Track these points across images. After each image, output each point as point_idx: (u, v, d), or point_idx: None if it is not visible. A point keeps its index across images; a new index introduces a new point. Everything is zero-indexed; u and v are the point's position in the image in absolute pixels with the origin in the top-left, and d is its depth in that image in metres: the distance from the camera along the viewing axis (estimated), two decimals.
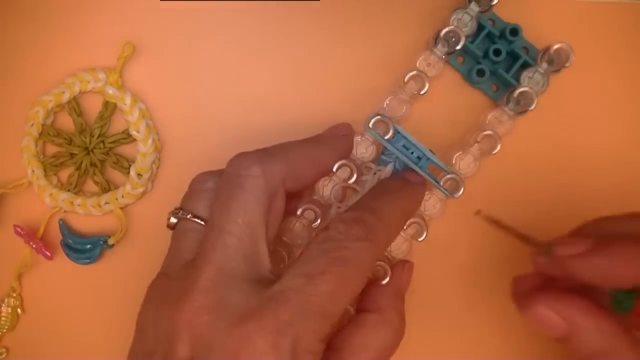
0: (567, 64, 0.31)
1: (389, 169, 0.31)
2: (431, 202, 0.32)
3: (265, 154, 0.27)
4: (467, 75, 0.34)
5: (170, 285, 0.26)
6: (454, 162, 0.32)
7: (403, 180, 0.30)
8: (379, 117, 0.30)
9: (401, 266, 0.30)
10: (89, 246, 0.34)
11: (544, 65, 0.32)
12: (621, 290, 0.25)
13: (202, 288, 0.24)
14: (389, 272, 0.30)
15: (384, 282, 0.30)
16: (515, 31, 0.32)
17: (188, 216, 0.27)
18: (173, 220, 0.28)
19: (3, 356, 0.35)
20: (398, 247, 0.31)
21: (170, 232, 0.28)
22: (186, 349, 0.24)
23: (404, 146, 0.30)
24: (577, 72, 0.33)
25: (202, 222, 0.27)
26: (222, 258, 0.25)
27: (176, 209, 0.28)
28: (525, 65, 0.32)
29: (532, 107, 0.31)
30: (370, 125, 0.30)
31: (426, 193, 0.31)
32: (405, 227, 0.31)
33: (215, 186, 0.28)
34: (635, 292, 0.24)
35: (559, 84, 0.33)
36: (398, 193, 0.28)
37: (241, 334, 0.23)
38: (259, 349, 0.23)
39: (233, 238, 0.25)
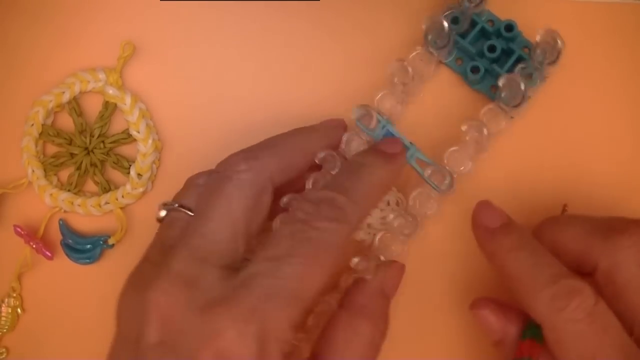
0: (558, 46, 0.30)
1: None
2: (427, 202, 0.31)
3: (252, 151, 0.28)
4: (466, 76, 0.34)
5: (147, 268, 0.26)
6: (445, 160, 0.31)
7: (378, 153, 0.29)
8: (362, 106, 0.30)
9: (388, 265, 0.30)
10: (89, 246, 0.34)
11: (537, 55, 0.31)
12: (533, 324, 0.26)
13: (174, 270, 0.24)
14: (376, 270, 0.29)
15: (368, 279, 0.29)
16: (510, 27, 0.32)
17: (175, 205, 0.28)
18: (162, 213, 0.28)
19: (3, 356, 0.35)
20: (387, 247, 0.30)
21: None
22: (156, 333, 0.23)
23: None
24: (576, 73, 0.33)
25: (190, 212, 0.27)
26: (199, 243, 0.25)
27: (165, 202, 0.28)
28: (520, 61, 0.32)
29: (522, 95, 0.30)
30: (355, 116, 0.30)
31: (420, 192, 0.31)
32: (401, 228, 0.30)
33: (206, 182, 0.28)
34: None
35: (557, 84, 0.33)
36: (372, 168, 0.28)
37: (210, 321, 0.23)
38: (227, 338, 0.22)
39: (212, 224, 0.26)
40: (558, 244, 0.27)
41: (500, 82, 0.30)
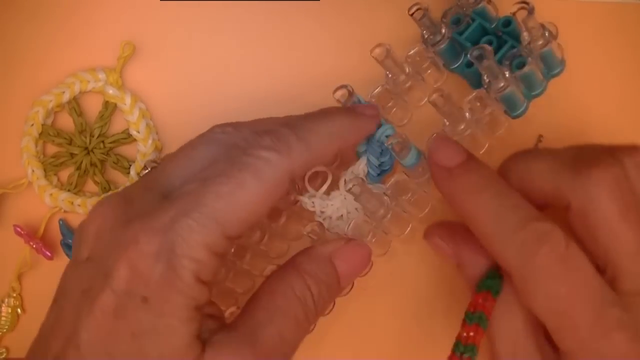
0: (534, 19, 0.28)
1: (362, 166, 0.30)
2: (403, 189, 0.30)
3: (235, 122, 0.29)
4: (470, 80, 0.33)
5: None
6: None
7: (347, 108, 0.29)
8: (343, 86, 0.29)
9: (346, 240, 0.28)
10: None
11: (524, 38, 0.30)
12: (495, 273, 0.26)
13: (121, 192, 0.26)
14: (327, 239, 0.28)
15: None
16: (508, 22, 0.32)
17: (158, 161, 0.29)
18: (144, 171, 0.29)
19: (3, 356, 0.35)
20: (359, 229, 0.29)
21: None
22: (87, 247, 0.24)
23: None
24: (576, 73, 0.33)
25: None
26: (155, 176, 0.26)
27: (153, 159, 0.29)
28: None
29: (500, 74, 0.28)
30: (336, 96, 0.29)
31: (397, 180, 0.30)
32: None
33: None
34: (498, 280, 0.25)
35: (557, 84, 0.33)
36: (333, 115, 0.27)
37: (128, 233, 0.23)
38: (139, 249, 0.22)
39: (171, 164, 0.26)
40: (526, 181, 0.26)
41: (469, 55, 0.28)
